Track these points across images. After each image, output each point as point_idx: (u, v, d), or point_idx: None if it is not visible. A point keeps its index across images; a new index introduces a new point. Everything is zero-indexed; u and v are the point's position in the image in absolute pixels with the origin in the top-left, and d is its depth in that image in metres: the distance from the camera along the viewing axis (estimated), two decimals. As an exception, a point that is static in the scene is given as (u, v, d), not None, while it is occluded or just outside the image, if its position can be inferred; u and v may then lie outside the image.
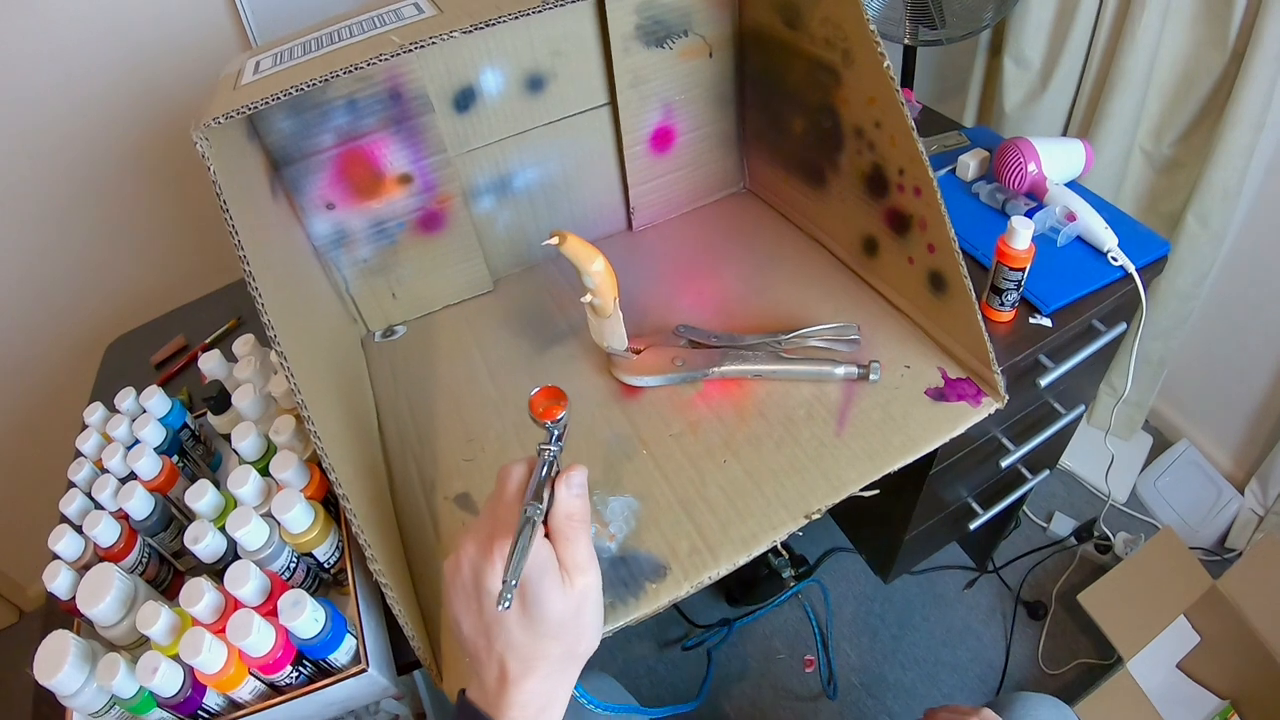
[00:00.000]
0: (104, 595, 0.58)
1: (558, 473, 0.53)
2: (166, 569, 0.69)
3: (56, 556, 0.65)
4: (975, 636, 1.39)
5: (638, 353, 0.77)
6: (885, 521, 1.02)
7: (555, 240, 0.67)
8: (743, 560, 0.63)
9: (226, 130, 0.53)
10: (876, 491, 0.67)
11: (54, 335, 1.32)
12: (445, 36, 0.55)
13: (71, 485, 0.71)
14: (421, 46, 0.55)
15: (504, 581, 0.47)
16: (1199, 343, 1.44)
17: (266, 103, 0.53)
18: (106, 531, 0.64)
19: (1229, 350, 1.42)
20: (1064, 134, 1.35)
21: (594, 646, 0.53)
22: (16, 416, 1.40)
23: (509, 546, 0.48)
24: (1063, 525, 1.49)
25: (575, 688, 0.57)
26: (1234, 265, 1.32)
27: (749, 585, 1.41)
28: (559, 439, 0.55)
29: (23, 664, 0.67)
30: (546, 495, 0.52)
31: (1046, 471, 1.09)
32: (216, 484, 0.74)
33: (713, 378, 0.75)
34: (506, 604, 0.46)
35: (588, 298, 0.71)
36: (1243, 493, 1.46)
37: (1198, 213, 1.22)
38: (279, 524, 0.62)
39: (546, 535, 0.51)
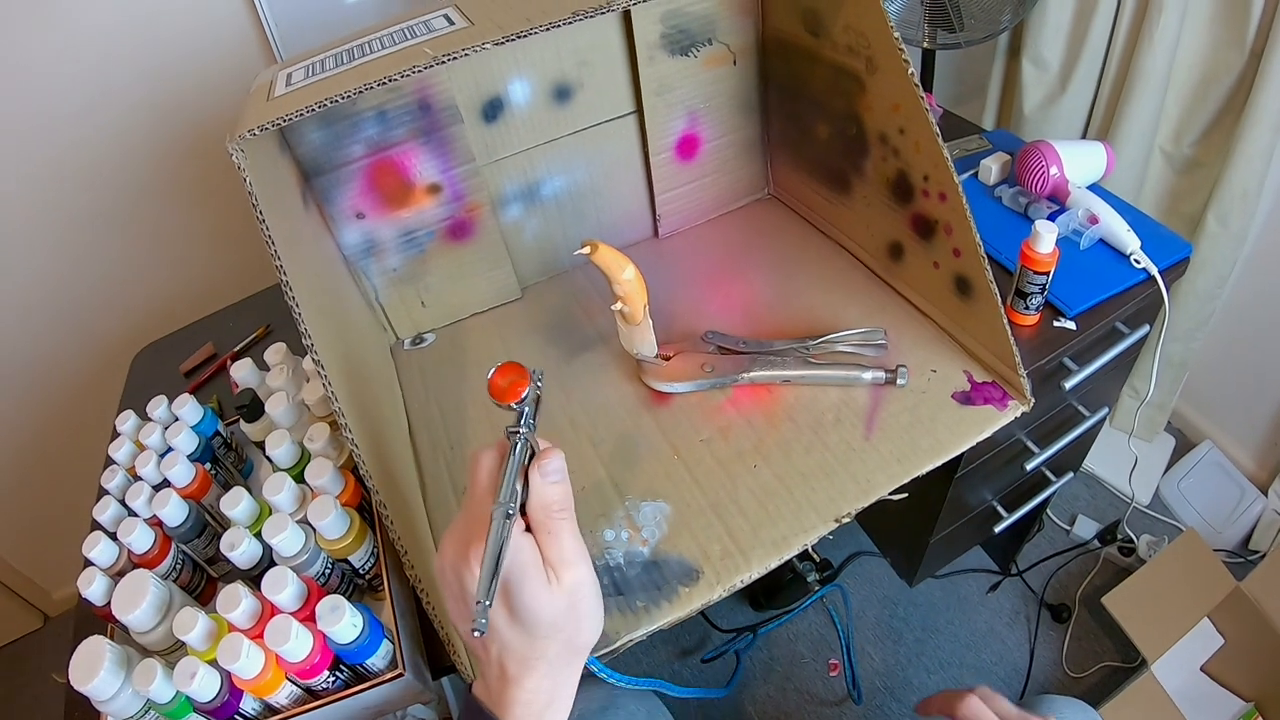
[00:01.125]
0: (140, 601, 0.58)
1: (532, 457, 0.50)
2: (200, 575, 0.70)
3: (91, 563, 0.65)
4: (999, 640, 1.38)
5: (667, 359, 0.77)
6: (910, 525, 1.02)
7: (587, 250, 0.68)
8: (775, 563, 0.63)
9: (259, 142, 0.53)
10: (905, 495, 0.67)
11: (82, 344, 1.34)
12: (477, 49, 0.55)
13: (105, 492, 0.72)
14: (454, 58, 0.55)
15: (478, 602, 0.42)
16: (1220, 344, 1.44)
17: (302, 114, 0.53)
18: (141, 538, 0.64)
19: (1251, 351, 1.41)
20: (1083, 135, 1.35)
21: (595, 637, 0.51)
22: (43, 424, 1.42)
23: (484, 550, 0.44)
24: (1086, 528, 1.48)
25: (592, 662, 0.56)
26: (1255, 265, 1.32)
27: (774, 590, 1.41)
28: (528, 419, 0.51)
29: (48, 668, 0.68)
30: (521, 485, 0.48)
31: (1071, 474, 1.09)
32: (250, 491, 0.76)
33: (742, 383, 0.76)
34: (481, 628, 0.41)
35: (618, 305, 0.72)
36: (1266, 494, 1.45)
37: (1218, 213, 1.22)
38: (314, 530, 0.63)
39: (528, 528, 0.48)
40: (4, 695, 1.64)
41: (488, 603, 0.42)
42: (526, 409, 0.51)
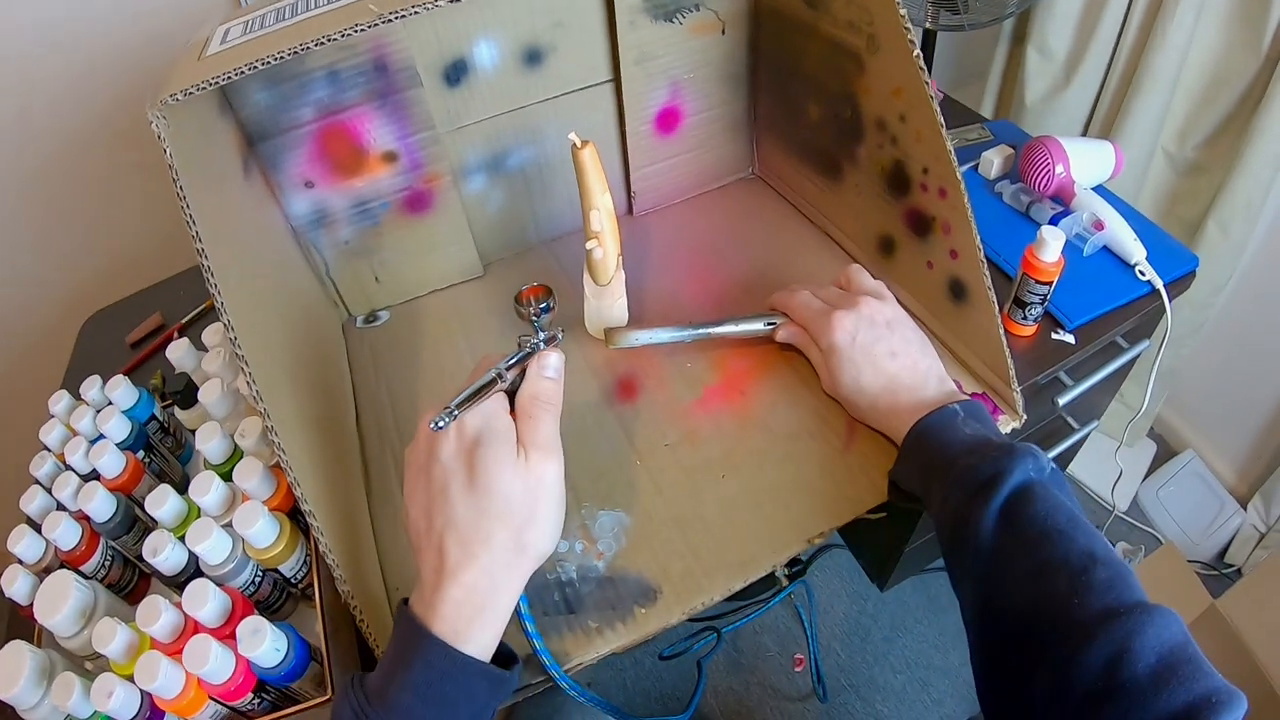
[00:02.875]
0: (61, 606, 0.55)
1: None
2: (131, 571, 0.66)
3: (16, 559, 0.62)
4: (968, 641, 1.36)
5: None
6: (885, 534, 0.99)
7: (576, 139, 0.63)
8: (739, 585, 0.59)
9: (191, 105, 0.48)
10: (884, 514, 0.63)
11: (34, 306, 1.27)
12: (430, 6, 0.49)
13: (35, 481, 0.68)
14: (402, 16, 0.49)
15: (445, 407, 0.46)
16: (1210, 352, 1.41)
17: (229, 77, 0.47)
18: (67, 534, 0.61)
19: (1240, 362, 1.38)
20: (1085, 130, 1.30)
21: (547, 546, 0.49)
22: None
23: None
24: (1062, 532, 1.46)
25: (551, 666, 0.53)
26: (1251, 276, 1.28)
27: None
28: (543, 331, 0.55)
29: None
30: (516, 374, 0.52)
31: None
32: (182, 485, 0.70)
33: (718, 336, 0.70)
34: (442, 423, 0.46)
35: (591, 244, 0.67)
36: (1245, 508, 1.43)
37: (1219, 220, 1.18)
38: (243, 537, 0.57)
39: (513, 415, 0.50)
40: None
41: (455, 410, 0.46)
42: (540, 321, 0.57)
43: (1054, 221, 0.84)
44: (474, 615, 0.45)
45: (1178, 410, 1.57)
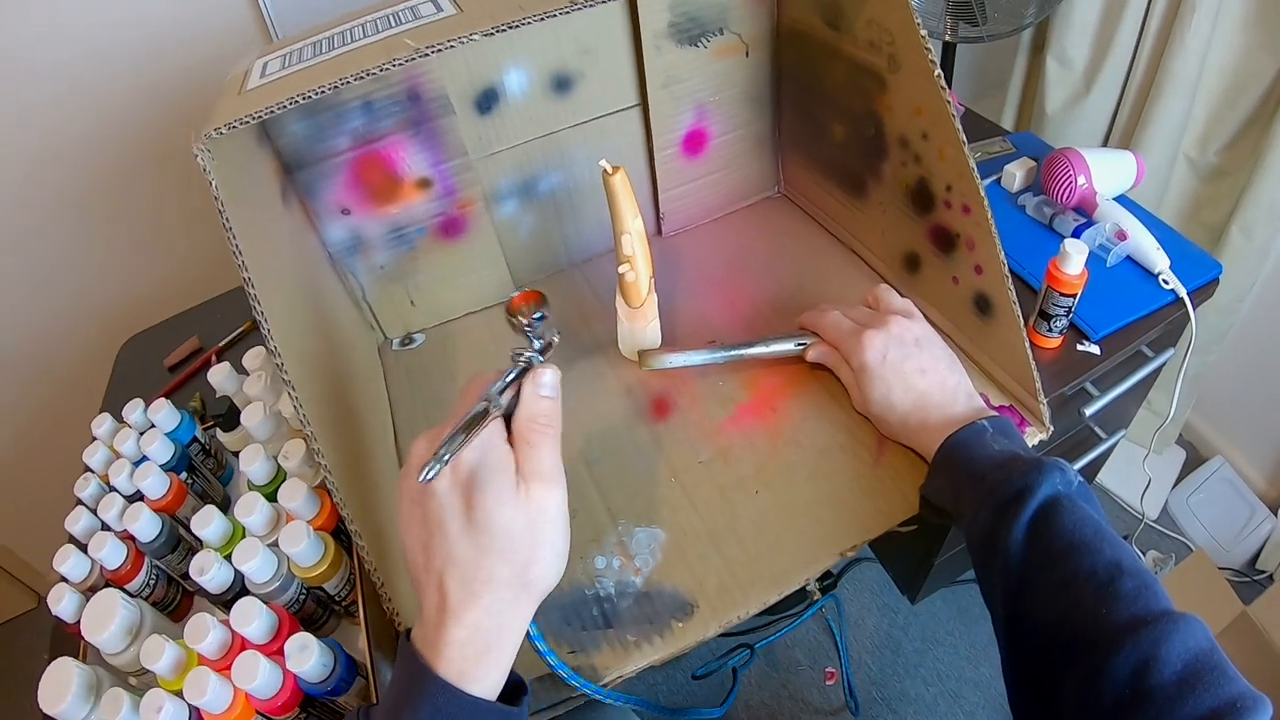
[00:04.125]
0: (108, 624, 0.56)
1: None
2: (175, 590, 0.67)
3: (62, 578, 0.63)
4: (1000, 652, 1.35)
5: None
6: (916, 546, 0.99)
7: (607, 165, 0.63)
8: (773, 599, 0.59)
9: (232, 137, 0.49)
10: (915, 527, 0.63)
11: (73, 329, 1.30)
12: (464, 40, 0.51)
13: (79, 502, 0.70)
14: (438, 50, 0.51)
15: (435, 454, 0.43)
16: (1237, 358, 1.39)
17: (271, 111, 0.49)
18: (113, 554, 0.62)
19: (1267, 366, 1.37)
20: (1106, 138, 1.30)
21: (552, 579, 0.46)
22: (36, 408, 1.39)
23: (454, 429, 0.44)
24: (1092, 541, 1.45)
25: (573, 678, 0.53)
26: (1276, 281, 1.27)
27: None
28: (538, 340, 0.52)
29: (41, 649, 0.66)
30: (510, 396, 0.48)
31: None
32: (225, 505, 0.72)
33: (749, 357, 0.71)
34: (431, 474, 0.42)
35: (624, 268, 0.68)
36: (1276, 514, 1.42)
37: (1242, 225, 1.18)
38: (288, 556, 0.59)
39: (510, 442, 0.46)
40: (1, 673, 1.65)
41: (447, 456, 0.43)
42: (534, 333, 0.53)
43: (1077, 233, 0.84)
44: (479, 656, 0.43)
45: (1206, 417, 1.56)
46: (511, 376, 0.49)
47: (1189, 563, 1.28)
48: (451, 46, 0.51)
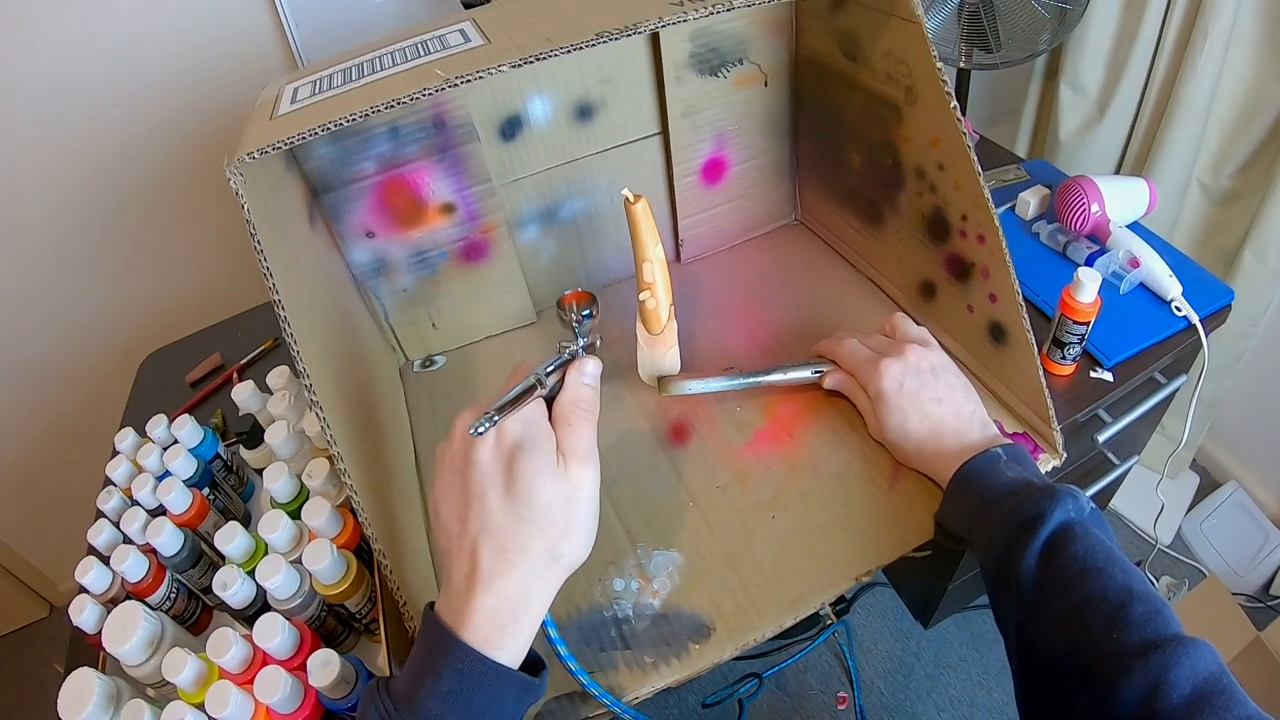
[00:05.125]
0: (130, 635, 0.57)
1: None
2: (195, 604, 0.68)
3: (84, 589, 0.64)
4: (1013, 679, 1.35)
5: None
6: (928, 571, 0.99)
7: (630, 195, 0.65)
8: (789, 622, 0.60)
9: (262, 160, 0.51)
10: (929, 553, 0.64)
11: (95, 342, 1.33)
12: (492, 71, 0.52)
13: (100, 515, 0.71)
14: (467, 80, 0.52)
15: (485, 413, 0.45)
16: (1250, 383, 1.39)
17: (303, 137, 0.50)
18: (134, 567, 0.63)
19: (1281, 391, 1.37)
20: (1120, 164, 1.31)
21: (580, 555, 0.49)
22: (54, 418, 1.41)
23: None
24: (1106, 568, 1.44)
25: (591, 685, 0.54)
26: (1290, 305, 1.28)
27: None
28: (583, 338, 0.56)
29: (52, 657, 0.67)
30: (555, 380, 0.51)
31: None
32: (246, 521, 0.73)
33: (767, 384, 0.72)
34: (483, 428, 0.44)
35: (644, 295, 0.69)
36: (1291, 539, 1.41)
37: (1255, 249, 1.18)
38: (310, 574, 0.60)
39: (551, 422, 0.49)
40: (9, 680, 1.66)
41: (496, 417, 0.45)
42: (582, 329, 0.56)
43: (1090, 260, 0.85)
44: (507, 623, 0.45)
45: (1219, 442, 1.56)
46: (558, 364, 0.52)
47: (1202, 588, 1.28)
48: (480, 77, 0.52)
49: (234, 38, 1.09)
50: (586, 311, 0.60)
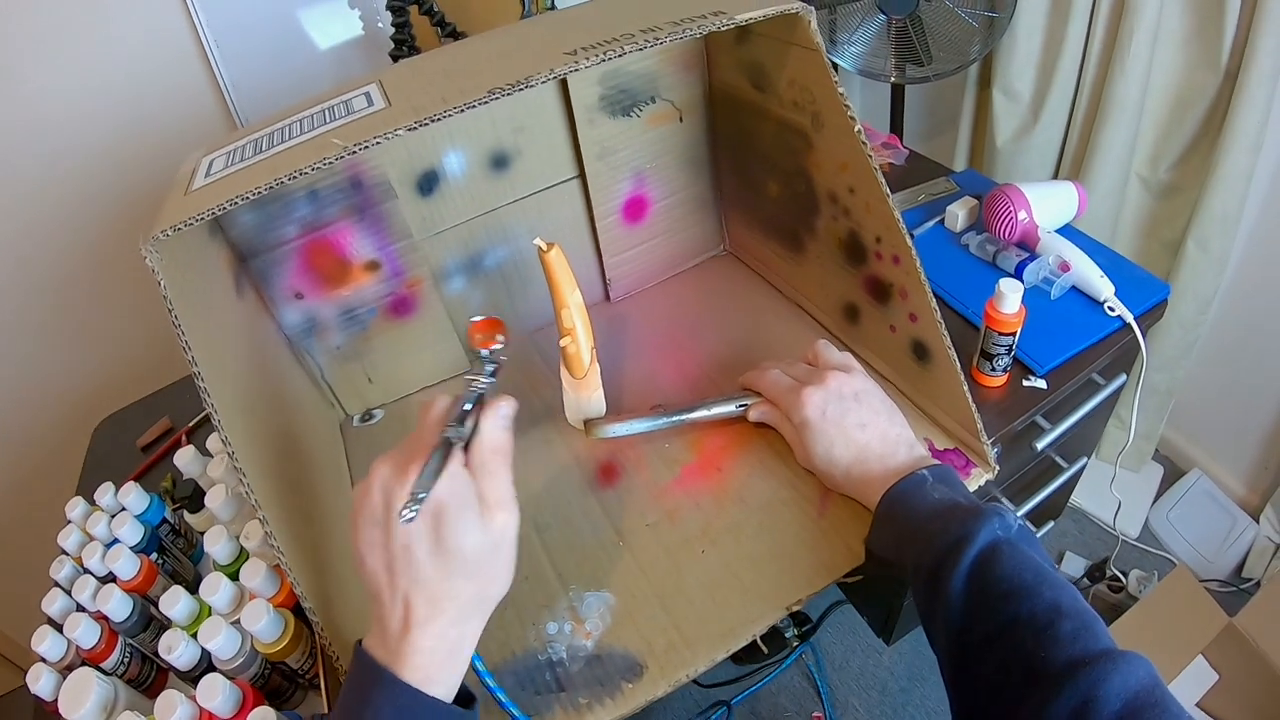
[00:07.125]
0: (84, 701, 0.58)
1: (484, 406, 0.52)
2: (149, 667, 0.69)
3: (41, 659, 0.65)
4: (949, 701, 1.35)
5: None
6: (880, 591, 0.99)
7: (542, 244, 0.65)
8: (721, 656, 0.61)
9: (182, 234, 0.52)
10: (860, 577, 0.65)
11: (51, 406, 1.33)
12: (388, 136, 0.53)
13: (55, 584, 0.72)
14: (365, 147, 0.53)
15: (411, 494, 0.44)
16: (1206, 370, 1.41)
17: (213, 213, 0.51)
18: (87, 633, 0.64)
19: (1237, 375, 1.38)
20: (1058, 167, 1.32)
21: (504, 590, 0.50)
22: (15, 484, 1.41)
23: (423, 464, 0.46)
24: (1074, 566, 1.45)
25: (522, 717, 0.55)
26: (1238, 289, 1.30)
27: (751, 645, 1.36)
28: (492, 374, 0.55)
29: None
30: (470, 425, 0.50)
31: (1052, 522, 1.06)
32: (194, 585, 0.74)
33: (692, 421, 0.73)
34: (410, 515, 0.44)
35: (565, 340, 0.70)
36: (1258, 520, 1.42)
37: (1198, 238, 1.20)
38: (250, 634, 0.61)
39: (467, 467, 0.49)
40: (-14, 754, 1.65)
41: (422, 495, 0.44)
42: (491, 364, 0.56)
43: (1020, 268, 0.86)
44: (444, 661, 0.46)
45: (1181, 431, 1.57)
46: (469, 405, 0.52)
47: (1170, 579, 1.28)
48: (377, 143, 0.53)
49: (176, 106, 1.10)
50: (495, 346, 0.58)
